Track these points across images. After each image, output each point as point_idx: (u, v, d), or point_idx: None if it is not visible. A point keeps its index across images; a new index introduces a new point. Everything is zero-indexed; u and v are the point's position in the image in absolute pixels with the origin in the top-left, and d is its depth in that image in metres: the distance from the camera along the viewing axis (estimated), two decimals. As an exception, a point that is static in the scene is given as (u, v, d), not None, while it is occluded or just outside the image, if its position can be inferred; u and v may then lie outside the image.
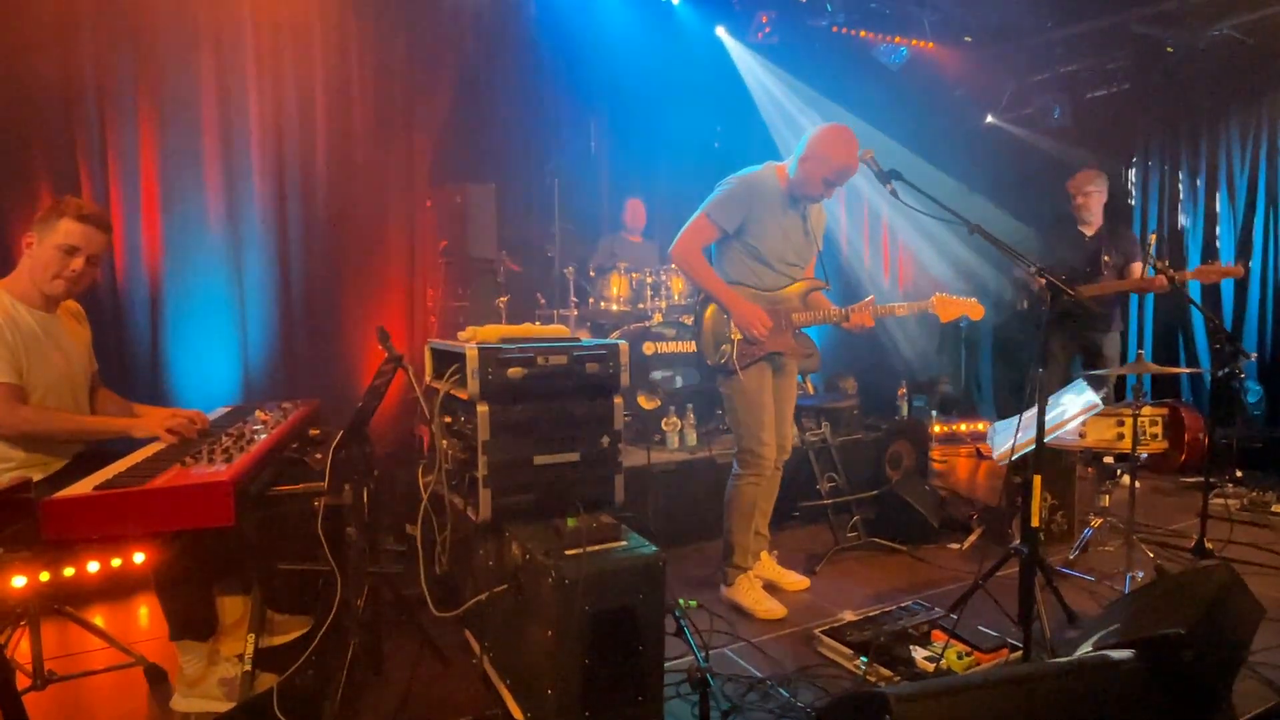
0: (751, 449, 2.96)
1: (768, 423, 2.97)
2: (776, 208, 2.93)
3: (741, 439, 2.99)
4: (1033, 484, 2.25)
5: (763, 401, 2.96)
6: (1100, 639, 1.97)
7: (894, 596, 3.07)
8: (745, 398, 2.94)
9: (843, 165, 2.80)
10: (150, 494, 1.78)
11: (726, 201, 2.91)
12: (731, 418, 3.04)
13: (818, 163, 2.82)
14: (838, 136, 2.81)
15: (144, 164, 4.07)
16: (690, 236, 2.94)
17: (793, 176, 2.90)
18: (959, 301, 2.95)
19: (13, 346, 2.18)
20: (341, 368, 4.68)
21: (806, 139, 2.86)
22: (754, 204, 2.89)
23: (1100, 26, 5.79)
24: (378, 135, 4.79)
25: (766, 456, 2.97)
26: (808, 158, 2.84)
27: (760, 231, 2.92)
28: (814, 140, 2.83)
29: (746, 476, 2.99)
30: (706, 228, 2.92)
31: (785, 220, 2.95)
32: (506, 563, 2.26)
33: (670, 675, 2.19)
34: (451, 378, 2.48)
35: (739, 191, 2.91)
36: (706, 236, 2.94)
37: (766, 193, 2.91)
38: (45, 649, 2.23)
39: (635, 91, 5.74)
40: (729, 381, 2.96)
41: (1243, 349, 3.97)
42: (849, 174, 2.85)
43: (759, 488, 3.01)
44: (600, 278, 4.82)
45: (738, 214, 2.89)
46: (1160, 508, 4.31)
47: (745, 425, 2.96)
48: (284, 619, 2.62)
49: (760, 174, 2.95)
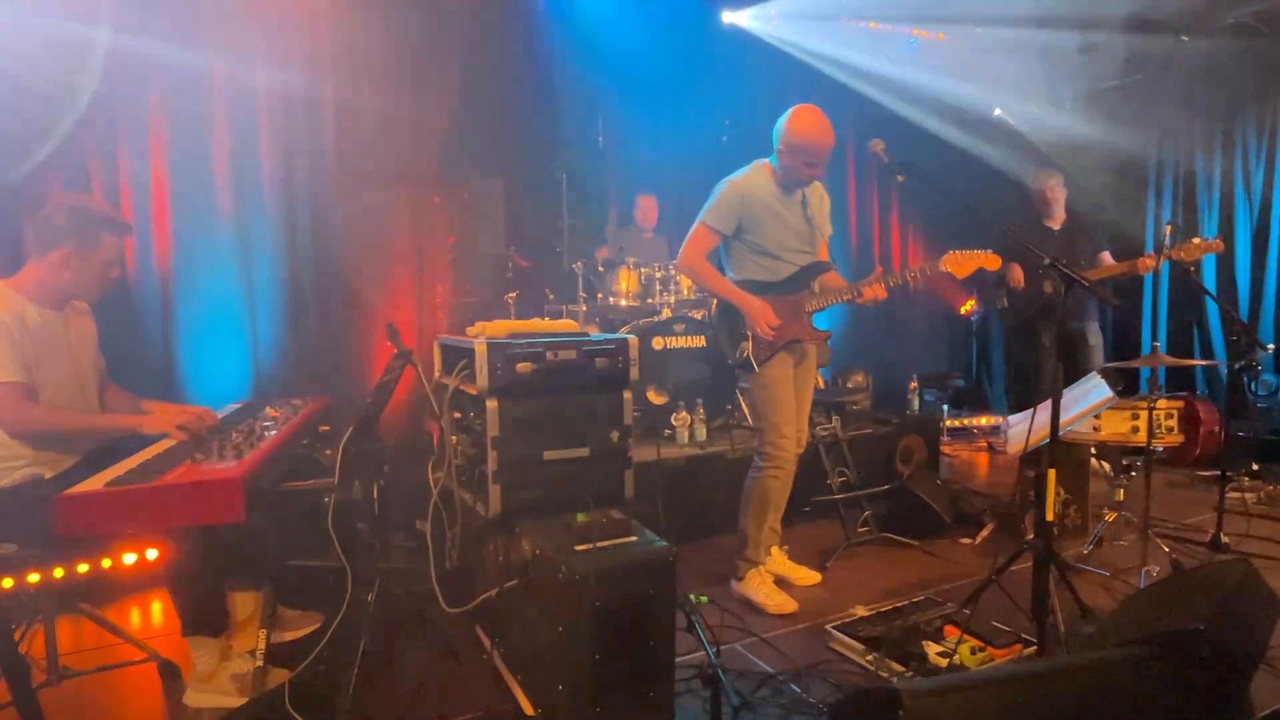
0: (773, 441, 2.98)
1: (788, 416, 2.99)
2: (771, 201, 2.97)
3: (764, 432, 3.02)
4: (1047, 478, 2.23)
5: (783, 394, 2.99)
6: (1115, 634, 1.95)
7: (906, 591, 3.05)
8: (766, 391, 2.98)
9: (816, 145, 2.85)
10: (161, 490, 1.78)
11: (720, 207, 2.98)
12: (753, 412, 3.09)
13: (792, 152, 2.87)
14: (804, 119, 2.85)
15: (154, 161, 4.08)
16: (693, 246, 3.01)
17: (777, 169, 2.95)
18: (972, 255, 2.85)
19: (21, 345, 2.17)
20: (351, 364, 4.69)
21: (778, 130, 2.90)
22: (746, 204, 2.95)
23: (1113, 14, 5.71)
24: (386, 131, 4.79)
25: (787, 450, 2.99)
26: (783, 150, 2.90)
27: (758, 228, 2.97)
28: (784, 131, 2.88)
29: (767, 470, 3.01)
30: (706, 235, 3.00)
31: (783, 210, 2.99)
32: (516, 558, 2.26)
33: (681, 671, 2.19)
34: (461, 373, 2.48)
35: (730, 195, 2.97)
36: (708, 243, 3.02)
37: (757, 191, 2.96)
38: (59, 645, 2.25)
39: (643, 86, 5.72)
40: (749, 376, 3.00)
41: (1259, 341, 3.93)
42: (826, 151, 2.88)
43: (780, 482, 3.02)
44: (609, 273, 4.80)
45: (733, 217, 2.96)
46: (1176, 501, 4.26)
47: (768, 419, 2.99)
48: (295, 614, 2.63)
49: (748, 175, 3.01)
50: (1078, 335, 4.62)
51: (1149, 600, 2.18)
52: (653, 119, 5.86)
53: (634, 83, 5.69)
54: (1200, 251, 3.80)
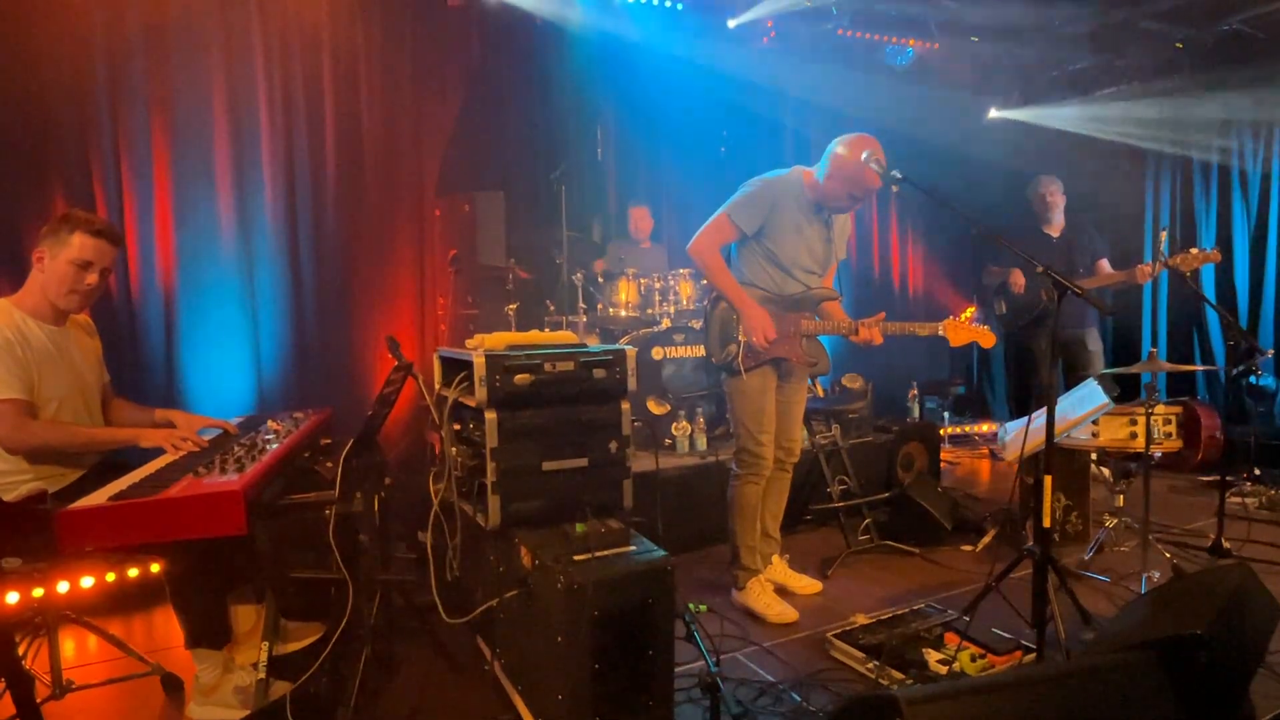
0: (749, 449, 2.97)
1: (766, 425, 2.96)
2: (798, 214, 2.89)
3: (740, 438, 3.00)
4: (1044, 484, 2.23)
5: (763, 404, 2.95)
6: (1116, 640, 1.95)
7: (907, 599, 3.05)
8: (746, 399, 2.95)
9: (870, 185, 2.78)
10: (163, 504, 1.80)
11: (748, 203, 2.88)
12: (732, 416, 3.05)
13: (847, 180, 2.79)
14: (864, 153, 2.71)
15: (157, 176, 4.12)
16: (709, 235, 2.92)
17: (820, 186, 2.86)
18: (970, 329, 2.88)
19: (23, 362, 2.20)
20: (353, 377, 4.71)
21: (832, 152, 2.81)
22: (776, 208, 2.86)
23: (1109, 23, 5.75)
24: (386, 145, 4.83)
25: (764, 457, 2.97)
26: (834, 173, 2.80)
27: (779, 236, 2.89)
28: (844, 156, 2.77)
29: (745, 477, 3.00)
30: (726, 227, 2.90)
31: (807, 227, 2.92)
32: (516, 569, 2.27)
33: (681, 680, 2.19)
34: (460, 385, 2.50)
35: (761, 194, 2.88)
36: (726, 236, 2.92)
37: (789, 198, 2.88)
38: (63, 658, 2.26)
39: (641, 98, 5.75)
40: (732, 380, 2.98)
41: (1258, 345, 3.93)
42: (873, 190, 2.83)
43: (759, 488, 3.00)
44: (608, 283, 4.82)
45: (758, 216, 2.87)
46: (1176, 507, 4.26)
47: (744, 425, 2.97)
48: (296, 626, 2.64)
49: (786, 178, 2.92)
50: (1077, 342, 4.62)
51: (1149, 606, 2.18)
52: (651, 131, 5.91)
53: (632, 95, 5.73)
54: (1199, 261, 3.81)
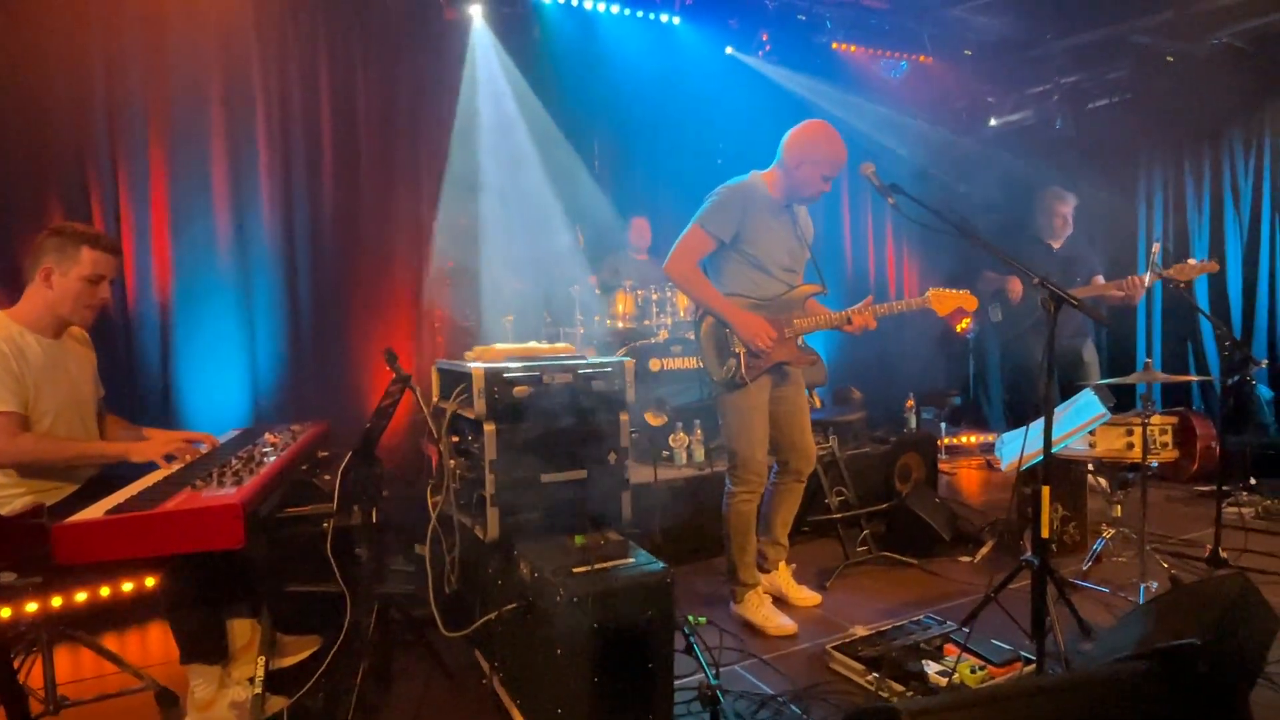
0: (745, 464, 2.93)
1: (761, 438, 2.94)
2: (768, 214, 2.92)
3: (735, 454, 2.95)
4: (1041, 495, 2.24)
5: (757, 421, 2.93)
6: (1115, 651, 1.95)
7: (905, 611, 3.04)
8: (741, 414, 2.92)
9: (836, 157, 2.85)
10: (161, 517, 1.79)
11: (720, 210, 2.88)
12: (726, 432, 2.98)
13: (814, 164, 2.84)
14: (823, 133, 2.85)
15: (154, 188, 4.13)
16: (685, 250, 2.89)
17: (786, 182, 2.90)
18: (953, 294, 2.95)
19: (18, 375, 2.20)
20: (350, 389, 4.70)
21: (790, 144, 2.88)
22: (748, 211, 2.87)
23: (1100, 37, 5.81)
24: (384, 156, 4.85)
25: (760, 474, 2.95)
26: (802, 162, 2.84)
27: (756, 238, 2.89)
28: (802, 144, 2.85)
29: (740, 494, 2.97)
30: (702, 239, 2.89)
31: (778, 226, 2.95)
32: (515, 581, 2.26)
33: (680, 693, 2.18)
34: (458, 397, 2.50)
35: (731, 198, 2.89)
36: (703, 249, 2.90)
37: (758, 199, 2.91)
38: (58, 674, 2.24)
39: (637, 111, 5.78)
40: (729, 396, 2.93)
41: (1252, 356, 3.96)
42: (842, 163, 2.88)
43: (754, 505, 2.98)
44: (606, 295, 4.84)
45: (732, 222, 2.87)
46: (1174, 517, 4.27)
47: (740, 440, 2.93)
48: (292, 640, 2.62)
49: (749, 182, 2.95)
50: (1073, 353, 4.63)
51: (1148, 616, 2.18)
52: (647, 143, 5.93)
53: (628, 107, 5.75)
54: (1196, 272, 3.85)
